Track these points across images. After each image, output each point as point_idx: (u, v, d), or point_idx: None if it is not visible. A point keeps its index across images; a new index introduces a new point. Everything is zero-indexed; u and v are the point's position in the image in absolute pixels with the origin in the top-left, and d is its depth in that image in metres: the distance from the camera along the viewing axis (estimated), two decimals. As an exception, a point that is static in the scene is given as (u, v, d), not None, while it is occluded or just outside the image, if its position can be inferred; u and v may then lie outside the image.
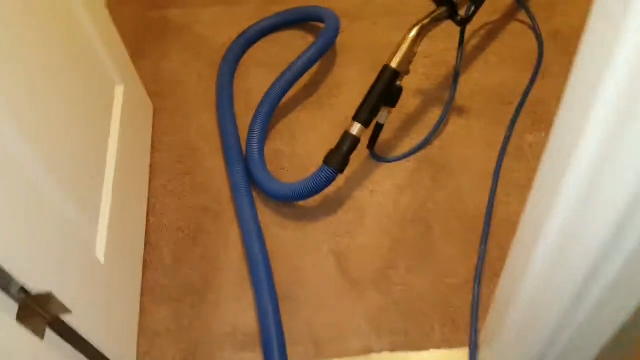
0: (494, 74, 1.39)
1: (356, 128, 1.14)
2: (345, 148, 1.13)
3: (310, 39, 1.52)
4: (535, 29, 1.44)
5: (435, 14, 1.18)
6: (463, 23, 1.19)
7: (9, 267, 0.64)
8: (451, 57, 1.43)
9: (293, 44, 1.52)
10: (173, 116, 1.41)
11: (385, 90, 1.14)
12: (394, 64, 1.14)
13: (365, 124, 1.14)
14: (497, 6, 1.51)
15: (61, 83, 0.90)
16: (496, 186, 1.19)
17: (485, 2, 1.25)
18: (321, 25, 1.49)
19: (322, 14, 1.47)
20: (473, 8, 1.16)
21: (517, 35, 1.45)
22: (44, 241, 0.74)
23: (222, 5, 1.65)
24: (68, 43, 0.96)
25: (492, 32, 1.47)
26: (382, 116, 1.20)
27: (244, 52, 1.52)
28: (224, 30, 1.57)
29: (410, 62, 1.17)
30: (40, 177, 0.75)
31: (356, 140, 1.14)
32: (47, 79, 0.84)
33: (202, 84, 1.46)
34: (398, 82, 1.16)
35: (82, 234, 0.89)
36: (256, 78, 1.45)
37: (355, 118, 1.14)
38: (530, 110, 1.31)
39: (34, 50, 0.82)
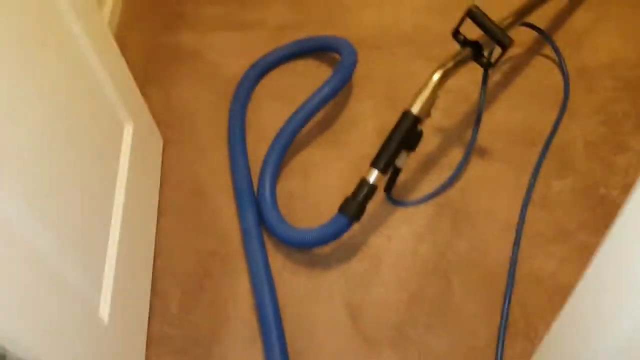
0: (518, 112, 1.33)
1: (373, 175, 1.08)
2: (361, 196, 1.08)
3: (325, 68, 1.47)
4: (561, 64, 1.38)
5: (460, 56, 1.12)
6: (489, 66, 1.13)
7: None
8: (473, 93, 1.37)
9: (308, 75, 1.47)
10: (183, 150, 1.36)
11: (405, 136, 1.09)
12: (414, 110, 1.08)
13: (383, 171, 1.09)
14: (521, 39, 1.44)
15: (67, 140, 0.85)
16: (520, 239, 1.13)
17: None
18: (337, 54, 1.43)
19: (338, 45, 1.42)
20: (500, 50, 1.10)
21: (542, 71, 1.39)
22: (43, 309, 0.70)
23: (234, 31, 1.60)
24: (75, 95, 0.91)
25: (516, 67, 1.41)
26: (400, 160, 1.15)
27: (257, 82, 1.47)
28: (236, 57, 1.52)
29: (431, 106, 1.11)
30: (41, 242, 0.70)
31: (373, 188, 1.09)
32: (53, 136, 0.79)
33: (213, 115, 1.41)
34: (419, 127, 1.11)
35: (84, 296, 0.84)
36: (270, 111, 1.40)
37: (373, 164, 1.09)
38: (556, 154, 1.25)
39: (37, 106, 0.77)
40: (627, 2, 1.48)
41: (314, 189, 1.27)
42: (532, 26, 1.41)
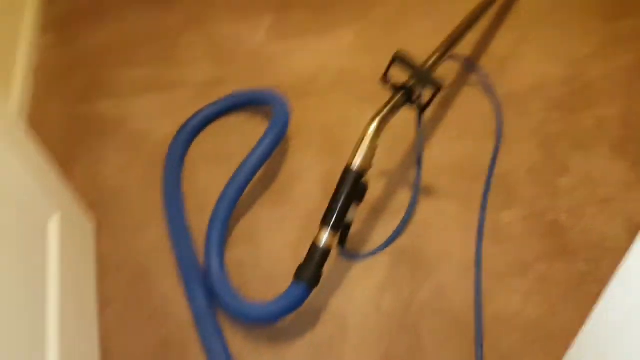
0: (456, 146, 1.33)
1: (325, 236, 1.04)
2: (316, 260, 1.03)
3: (258, 122, 1.42)
4: (490, 92, 1.40)
5: (393, 102, 1.10)
6: (423, 108, 1.12)
7: None
8: (410, 131, 1.35)
9: (241, 131, 1.41)
10: (118, 231, 1.26)
11: (351, 192, 1.05)
12: (356, 165, 1.05)
13: (335, 231, 1.05)
14: (447, 71, 1.46)
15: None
16: (480, 279, 1.11)
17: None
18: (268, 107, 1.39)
19: (269, 99, 1.37)
20: (432, 91, 1.09)
21: (472, 101, 1.40)
22: None
23: (157, 92, 1.52)
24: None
25: (446, 100, 1.41)
26: (350, 214, 1.11)
27: (188, 145, 1.39)
28: (163, 121, 1.44)
29: (372, 157, 1.08)
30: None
31: (327, 250, 1.04)
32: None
33: (146, 188, 1.32)
34: (363, 179, 1.08)
35: None
36: (206, 175, 1.34)
37: (323, 225, 1.05)
38: (500, 184, 1.25)
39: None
40: (544, 23, 1.52)
41: (265, 254, 1.20)
42: (458, 58, 1.42)
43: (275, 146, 1.27)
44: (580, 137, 1.30)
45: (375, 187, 1.27)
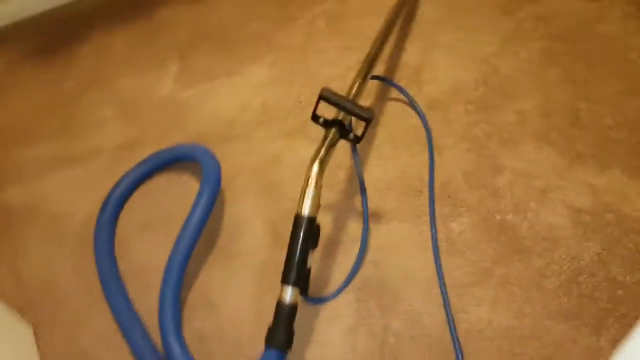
0: (392, 163, 1.32)
1: (288, 292, 0.99)
2: (285, 321, 0.98)
3: (187, 177, 1.34)
4: (412, 104, 1.41)
5: (328, 140, 1.07)
6: (357, 141, 1.10)
7: None
8: (344, 157, 1.34)
9: (171, 191, 1.33)
10: (57, 330, 1.15)
11: (305, 240, 1.01)
12: (306, 212, 1.01)
13: (297, 284, 1.00)
14: (368, 90, 1.45)
15: None
16: (446, 295, 1.11)
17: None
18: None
19: (194, 154, 1.30)
20: (364, 122, 1.07)
21: (399, 116, 1.40)
22: None
23: (68, 168, 1.40)
24: None
25: (374, 119, 1.40)
26: (308, 261, 1.06)
27: (116, 220, 1.30)
28: (81, 198, 1.33)
29: (319, 198, 1.05)
30: None
31: (293, 307, 0.99)
32: None
33: (78, 276, 1.22)
34: (315, 223, 1.04)
35: None
36: (143, 247, 1.25)
37: (284, 281, 1.00)
38: (443, 194, 1.25)
39: None
40: (446, 28, 1.55)
41: (226, 319, 1.14)
42: (375, 77, 1.42)
43: (213, 202, 1.21)
44: (505, 133, 1.33)
45: (324, 224, 1.24)
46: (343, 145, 1.24)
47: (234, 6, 1.70)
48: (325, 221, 1.25)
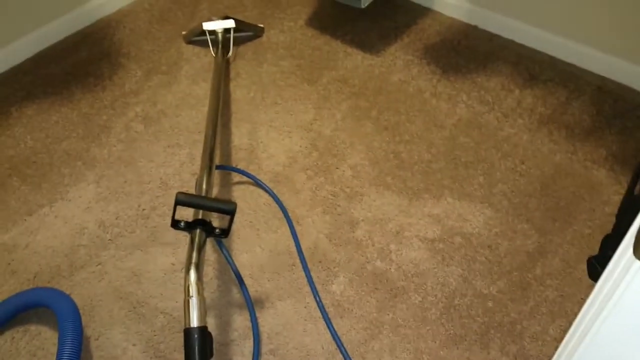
0: (260, 244, 1.32)
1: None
2: None
3: (36, 328, 1.17)
4: (259, 183, 1.43)
5: (196, 242, 1.04)
6: (225, 234, 1.08)
7: None
8: (209, 252, 1.30)
9: (20, 350, 1.14)
10: None
11: (202, 352, 0.95)
12: (194, 323, 0.95)
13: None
14: (221, 177, 1.45)
15: None
16: (350, 359, 1.13)
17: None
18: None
19: (37, 299, 1.15)
20: (228, 216, 1.07)
21: (248, 197, 1.42)
22: None
23: None
24: None
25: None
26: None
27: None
28: None
29: (205, 304, 1.00)
30: None
31: None
32: None
33: None
34: (206, 332, 0.98)
35: None
36: None
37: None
38: (314, 260, 1.29)
39: None
40: (263, 106, 1.63)
41: None
42: (219, 167, 1.42)
43: (79, 348, 1.06)
44: (348, 189, 1.43)
45: (209, 327, 1.17)
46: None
47: (30, 133, 1.57)
48: (209, 324, 1.18)
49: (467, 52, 1.81)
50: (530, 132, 1.56)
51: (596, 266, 1.24)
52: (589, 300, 0.62)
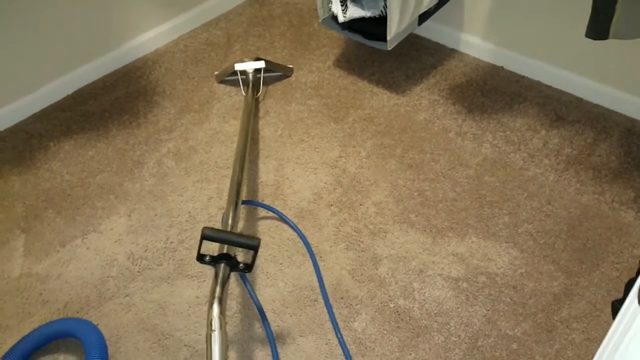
0: (282, 280, 1.34)
1: None
2: None
3: (67, 356, 1.20)
4: (284, 219, 1.46)
5: (220, 276, 1.06)
6: (248, 269, 1.10)
7: None
8: (233, 285, 1.32)
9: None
10: None
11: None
12: (217, 357, 0.96)
13: None
14: (247, 212, 1.48)
15: None
16: (373, 397, 1.12)
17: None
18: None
19: (66, 330, 1.18)
20: (252, 252, 1.09)
21: (273, 232, 1.44)
22: None
23: None
24: None
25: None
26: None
27: None
28: None
29: (227, 339, 1.01)
30: None
31: None
32: None
33: None
34: (227, 366, 0.99)
35: None
36: None
37: None
38: (337, 296, 1.29)
39: None
40: (290, 142, 1.67)
41: None
42: (245, 202, 1.45)
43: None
44: (371, 225, 1.44)
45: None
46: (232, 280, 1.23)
47: (67, 167, 1.64)
48: (231, 358, 1.19)
49: (493, 93, 1.82)
50: (556, 173, 1.55)
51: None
52: (600, 349, 0.61)
